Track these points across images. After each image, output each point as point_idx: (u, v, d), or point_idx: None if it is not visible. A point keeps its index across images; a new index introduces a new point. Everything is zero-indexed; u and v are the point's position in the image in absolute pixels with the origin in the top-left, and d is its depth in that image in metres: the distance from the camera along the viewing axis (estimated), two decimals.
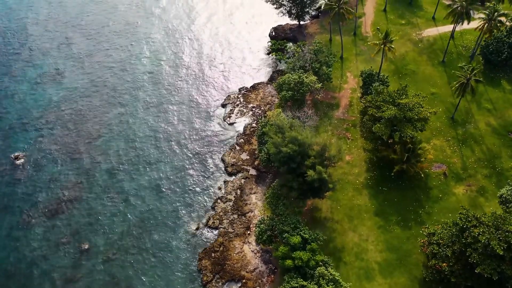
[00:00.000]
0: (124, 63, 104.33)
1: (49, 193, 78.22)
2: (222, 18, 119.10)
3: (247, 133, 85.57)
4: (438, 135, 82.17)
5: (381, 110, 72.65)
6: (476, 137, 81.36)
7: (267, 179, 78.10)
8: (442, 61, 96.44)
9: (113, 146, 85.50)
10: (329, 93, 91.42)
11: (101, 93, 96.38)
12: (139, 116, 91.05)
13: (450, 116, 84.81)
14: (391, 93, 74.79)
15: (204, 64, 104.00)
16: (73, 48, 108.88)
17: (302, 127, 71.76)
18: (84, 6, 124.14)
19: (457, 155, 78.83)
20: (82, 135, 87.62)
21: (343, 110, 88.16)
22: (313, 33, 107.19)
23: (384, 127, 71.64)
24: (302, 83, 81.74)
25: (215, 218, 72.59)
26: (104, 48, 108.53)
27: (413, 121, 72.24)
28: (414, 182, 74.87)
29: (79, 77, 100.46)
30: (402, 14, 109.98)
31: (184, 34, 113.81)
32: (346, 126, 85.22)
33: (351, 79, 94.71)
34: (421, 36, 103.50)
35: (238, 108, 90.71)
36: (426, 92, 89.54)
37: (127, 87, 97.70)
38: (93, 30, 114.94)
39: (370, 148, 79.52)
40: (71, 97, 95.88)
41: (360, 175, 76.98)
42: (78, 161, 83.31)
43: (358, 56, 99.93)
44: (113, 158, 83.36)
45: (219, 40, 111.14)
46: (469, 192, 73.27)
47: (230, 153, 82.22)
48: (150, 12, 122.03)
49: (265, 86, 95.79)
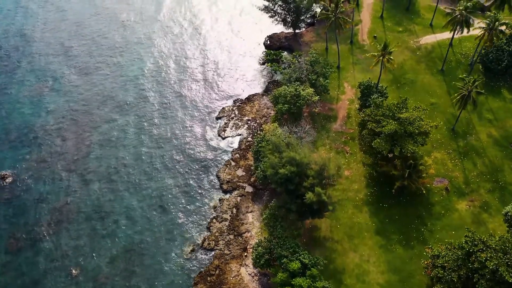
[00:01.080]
0: (115, 77, 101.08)
1: (37, 214, 75.13)
2: (215, 27, 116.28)
3: (242, 148, 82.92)
4: (439, 147, 79.99)
5: (380, 124, 70.32)
6: (477, 149, 79.26)
7: (264, 197, 75.50)
8: (441, 70, 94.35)
9: (103, 163, 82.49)
10: (326, 104, 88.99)
11: (90, 108, 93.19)
12: (130, 131, 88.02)
13: (451, 128, 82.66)
14: (391, 107, 72.48)
15: (197, 75, 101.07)
16: (63, 60, 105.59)
17: (299, 143, 69.30)
18: (79, 15, 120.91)
19: (458, 168, 76.67)
20: (71, 152, 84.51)
21: (341, 123, 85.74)
22: (308, 42, 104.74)
23: (384, 142, 69.36)
24: (299, 96, 79.25)
25: (210, 239, 69.89)
26: (96, 61, 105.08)
27: (413, 136, 70.02)
28: (416, 198, 72.60)
29: (68, 91, 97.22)
30: (399, 20, 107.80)
31: (176, 45, 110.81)
32: (344, 139, 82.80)
33: (348, 90, 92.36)
34: (419, 43, 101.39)
35: (233, 121, 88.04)
36: (425, 102, 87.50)
37: (117, 103, 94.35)
38: (84, 42, 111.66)
39: (370, 163, 77.29)
40: (60, 111, 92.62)
41: (360, 191, 74.60)
42: (67, 180, 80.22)
43: (355, 65, 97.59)
44: (103, 176, 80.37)
45: (212, 50, 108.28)
46: (472, 208, 71.12)
47: (225, 169, 79.54)
48: (142, 24, 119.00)
49: (260, 97, 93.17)
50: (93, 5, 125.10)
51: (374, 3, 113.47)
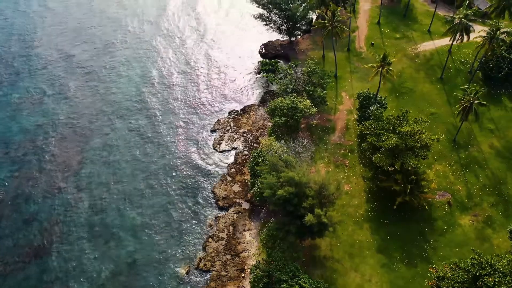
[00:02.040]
0: (107, 87, 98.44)
1: (27, 234, 72.27)
2: (208, 36, 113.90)
3: (238, 162, 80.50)
4: (440, 159, 77.97)
5: (381, 139, 68.21)
6: (479, 161, 77.33)
7: (261, 213, 73.14)
8: (440, 78, 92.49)
9: (95, 179, 79.76)
10: (324, 115, 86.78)
11: (81, 121, 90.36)
12: (123, 146, 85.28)
13: (452, 139, 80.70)
14: (391, 120, 70.39)
15: (191, 87, 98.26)
16: (54, 71, 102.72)
17: (297, 160, 66.96)
18: (68, 25, 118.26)
19: (461, 181, 74.68)
20: (62, 168, 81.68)
21: (339, 134, 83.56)
22: (305, 50, 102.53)
23: (384, 157, 67.30)
24: (296, 109, 76.99)
25: (206, 259, 67.42)
26: (85, 72, 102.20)
27: (415, 149, 67.96)
28: (418, 213, 70.51)
29: (58, 103, 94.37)
30: (397, 27, 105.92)
31: (170, 56, 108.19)
32: (343, 151, 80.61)
33: (346, 99, 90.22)
34: (417, 50, 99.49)
35: (228, 133, 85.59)
36: (425, 112, 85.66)
37: (109, 114, 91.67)
38: (74, 52, 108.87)
39: (370, 176, 75.21)
40: (50, 125, 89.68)
41: (360, 207, 72.41)
42: (58, 197, 77.41)
43: (352, 74, 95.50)
44: (95, 193, 77.65)
45: (206, 60, 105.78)
46: (475, 223, 69.13)
47: (221, 185, 77.09)
48: (135, 35, 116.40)
49: (256, 108, 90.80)
50: (83, 13, 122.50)
51: (371, 9, 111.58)
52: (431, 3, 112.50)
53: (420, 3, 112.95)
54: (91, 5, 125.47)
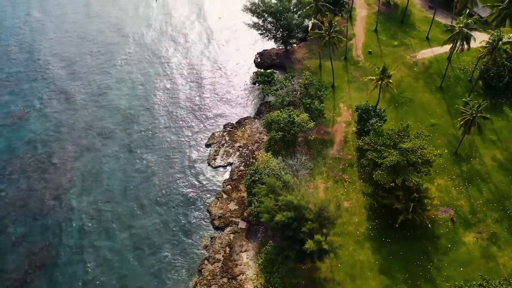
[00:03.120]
0: (97, 101, 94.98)
1: (13, 260, 69.09)
2: (202, 46, 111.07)
3: (234, 178, 77.82)
4: (442, 173, 75.75)
5: (381, 155, 65.86)
6: (482, 174, 75.21)
7: (258, 233, 70.50)
8: (440, 87, 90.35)
9: (85, 198, 76.77)
10: (322, 127, 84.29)
11: (72, 137, 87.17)
12: (114, 162, 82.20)
13: (454, 151, 78.52)
14: (392, 135, 68.08)
15: (184, 99, 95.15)
16: (41, 86, 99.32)
17: (295, 179, 64.44)
18: (61, 38, 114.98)
19: (463, 196, 72.49)
20: (50, 188, 78.52)
21: (338, 148, 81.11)
22: (301, 59, 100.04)
23: (385, 174, 64.97)
24: (293, 123, 74.47)
25: (202, 283, 64.69)
26: (77, 86, 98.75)
27: (417, 165, 65.68)
28: (420, 230, 68.23)
29: (47, 118, 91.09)
30: (394, 34, 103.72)
31: (164, 66, 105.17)
32: (342, 166, 78.16)
33: (344, 111, 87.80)
34: (416, 58, 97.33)
35: (223, 148, 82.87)
36: (425, 123, 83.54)
37: (100, 131, 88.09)
38: (61, 65, 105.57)
39: (370, 192, 72.88)
40: (39, 142, 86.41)
41: (361, 225, 70.01)
42: (45, 219, 74.27)
43: (350, 84, 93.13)
44: (86, 214, 74.67)
45: (199, 70, 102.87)
46: (480, 241, 66.94)
47: (216, 203, 74.38)
48: (125, 45, 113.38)
49: (252, 121, 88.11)
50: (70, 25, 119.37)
51: (368, 16, 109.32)
52: (429, 9, 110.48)
53: (418, 9, 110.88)
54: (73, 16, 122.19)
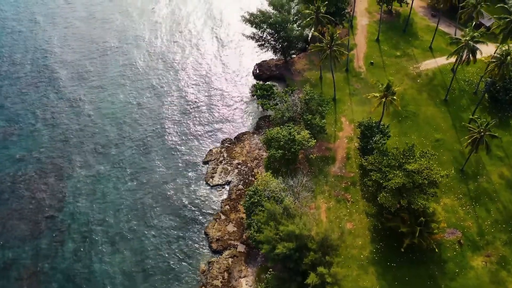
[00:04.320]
0: (90, 115, 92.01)
1: (2, 286, 66.20)
2: (199, 56, 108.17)
3: (233, 198, 75.01)
4: (448, 192, 73.04)
5: (386, 177, 63.10)
6: (490, 193, 72.56)
7: (258, 257, 67.69)
8: (445, 100, 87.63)
9: (77, 220, 73.91)
10: (323, 143, 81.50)
11: (64, 153, 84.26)
12: (107, 181, 79.20)
13: (460, 168, 75.83)
14: (397, 156, 65.29)
15: (181, 113, 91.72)
16: (32, 98, 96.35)
17: (296, 200, 61.72)
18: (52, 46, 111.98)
19: (471, 217, 69.83)
20: (42, 208, 75.66)
21: (340, 165, 78.33)
22: (301, 70, 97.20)
23: (390, 197, 62.20)
24: (294, 141, 71.68)
25: None
26: (65, 99, 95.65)
27: (423, 187, 62.95)
28: (427, 254, 65.47)
29: (38, 134, 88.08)
30: (397, 44, 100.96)
31: (159, 78, 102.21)
32: (344, 184, 75.40)
33: (346, 125, 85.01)
34: (419, 69, 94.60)
35: (221, 165, 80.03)
36: (430, 138, 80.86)
37: (93, 147, 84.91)
38: (53, 75, 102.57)
39: (374, 213, 70.11)
40: (30, 158, 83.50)
41: (365, 248, 67.25)
42: (38, 242, 71.44)
43: (352, 97, 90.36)
44: (78, 236, 71.85)
45: (196, 81, 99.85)
46: (488, 265, 64.30)
47: (214, 224, 71.56)
48: (118, 57, 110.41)
49: (250, 136, 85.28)
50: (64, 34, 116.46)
51: (369, 25, 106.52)
52: (432, 17, 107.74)
53: (420, 17, 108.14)
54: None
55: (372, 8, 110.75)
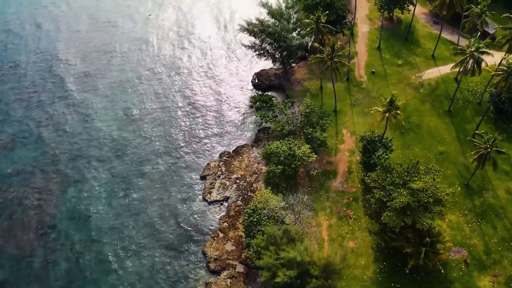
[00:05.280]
0: (84, 127, 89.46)
1: None
2: (196, 66, 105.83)
3: (231, 215, 72.70)
4: (453, 208, 70.84)
5: (390, 196, 60.87)
6: (496, 208, 70.42)
7: (257, 278, 65.27)
8: (448, 110, 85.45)
9: (70, 238, 71.51)
10: (324, 157, 79.25)
11: (56, 168, 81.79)
12: (101, 197, 76.64)
13: (465, 183, 73.67)
14: (401, 173, 63.04)
15: (177, 125, 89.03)
16: (23, 111, 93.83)
17: (297, 220, 59.48)
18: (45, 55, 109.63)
19: (477, 234, 67.66)
20: (34, 225, 73.29)
21: (342, 179, 76.09)
22: (301, 80, 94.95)
23: (395, 216, 59.96)
24: (294, 156, 69.44)
25: None
26: (60, 112, 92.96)
27: (428, 206, 60.75)
28: (432, 274, 63.33)
29: (31, 148, 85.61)
30: (398, 52, 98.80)
31: (155, 88, 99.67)
32: (346, 200, 73.18)
33: (347, 137, 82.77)
34: (422, 79, 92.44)
35: (219, 180, 77.73)
36: (433, 151, 78.69)
37: (87, 161, 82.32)
38: (43, 88, 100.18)
39: (377, 230, 67.86)
40: (20, 174, 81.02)
41: (368, 267, 65.03)
42: (29, 261, 69.01)
43: (353, 107, 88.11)
44: (71, 255, 69.44)
45: (192, 92, 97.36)
46: (496, 285, 62.15)
47: (212, 243, 69.24)
48: (112, 67, 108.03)
49: (249, 149, 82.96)
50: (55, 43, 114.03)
51: (370, 32, 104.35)
52: (434, 24, 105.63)
53: (422, 24, 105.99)
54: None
55: (373, 14, 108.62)
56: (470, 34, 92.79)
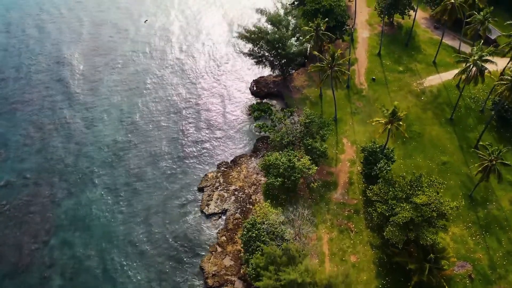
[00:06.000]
0: (81, 136, 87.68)
1: None
2: (194, 71, 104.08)
3: (230, 228, 70.97)
4: (457, 220, 69.20)
5: (393, 211, 59.28)
6: (500, 221, 68.88)
7: None
8: (450, 119, 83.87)
9: (66, 252, 69.71)
10: (324, 167, 77.58)
11: (51, 179, 79.84)
12: (96, 211, 74.66)
13: (468, 194, 72.10)
14: (404, 187, 61.44)
15: (174, 134, 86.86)
16: (17, 119, 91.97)
17: (297, 236, 57.81)
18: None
19: (481, 248, 66.08)
20: (27, 239, 71.35)
21: (342, 191, 74.44)
22: (300, 87, 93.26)
23: (398, 232, 58.40)
24: (294, 168, 67.75)
25: None
26: (54, 120, 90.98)
27: (432, 220, 59.18)
28: None
29: (25, 158, 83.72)
30: (399, 58, 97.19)
31: (151, 97, 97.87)
32: (347, 212, 71.53)
33: (348, 147, 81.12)
34: (423, 86, 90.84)
35: (217, 192, 75.97)
36: (436, 161, 77.09)
37: (81, 171, 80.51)
38: (40, 95, 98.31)
39: (379, 244, 66.38)
40: (14, 185, 79.18)
41: (370, 283, 63.37)
42: (23, 277, 67.14)
43: (354, 116, 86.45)
44: (66, 271, 67.59)
45: (189, 100, 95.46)
46: None
47: (210, 258, 67.52)
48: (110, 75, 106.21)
49: (248, 159, 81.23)
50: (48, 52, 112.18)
51: (370, 38, 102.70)
52: (434, 29, 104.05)
53: (422, 30, 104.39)
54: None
55: (373, 20, 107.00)
56: (472, 40, 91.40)
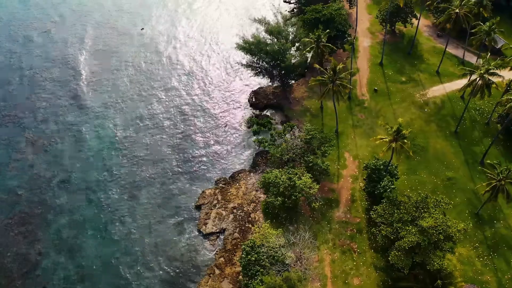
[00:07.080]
0: (71, 153, 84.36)
1: None
2: (192, 80, 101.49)
3: (228, 249, 68.39)
4: (464, 240, 66.58)
5: (399, 235, 56.84)
6: (508, 241, 66.49)
7: None
8: (455, 132, 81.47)
9: (56, 276, 66.87)
10: (326, 184, 75.05)
11: (43, 196, 77.16)
12: (89, 229, 71.86)
13: (475, 212, 69.71)
14: (409, 208, 59.01)
15: (170, 149, 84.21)
16: (11, 130, 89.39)
17: (298, 261, 55.31)
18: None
19: (489, 269, 63.68)
20: (17, 263, 68.46)
21: (345, 209, 71.94)
22: (300, 98, 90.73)
23: (403, 256, 55.99)
24: (294, 187, 65.23)
25: None
26: (45, 135, 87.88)
27: (439, 244, 56.75)
28: None
29: (17, 172, 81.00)
30: (402, 68, 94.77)
31: (148, 106, 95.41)
32: (350, 232, 69.04)
33: (350, 162, 78.63)
34: (426, 97, 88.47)
35: (215, 209, 73.40)
36: (441, 177, 74.73)
37: (74, 187, 77.77)
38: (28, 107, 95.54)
39: (383, 266, 63.90)
40: (5, 203, 76.32)
41: None
42: None
43: (355, 129, 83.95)
44: None
45: (188, 111, 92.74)
46: None
47: (208, 281, 64.95)
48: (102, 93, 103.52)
49: (247, 175, 78.64)
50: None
51: (371, 47, 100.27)
52: (437, 37, 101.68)
53: (425, 38, 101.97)
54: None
55: (374, 28, 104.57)
56: (477, 49, 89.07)
